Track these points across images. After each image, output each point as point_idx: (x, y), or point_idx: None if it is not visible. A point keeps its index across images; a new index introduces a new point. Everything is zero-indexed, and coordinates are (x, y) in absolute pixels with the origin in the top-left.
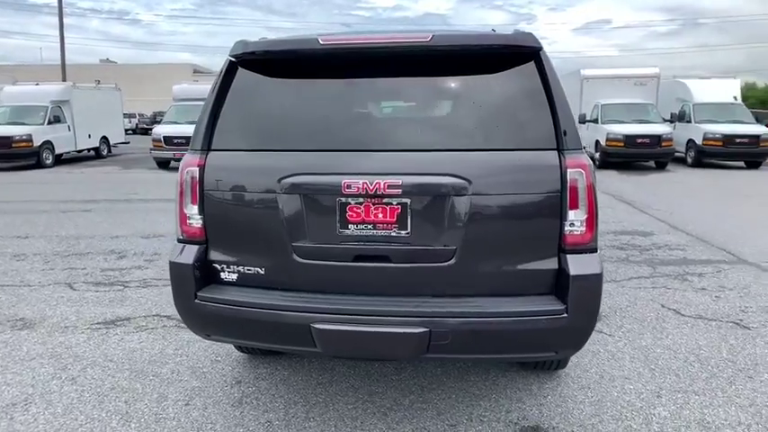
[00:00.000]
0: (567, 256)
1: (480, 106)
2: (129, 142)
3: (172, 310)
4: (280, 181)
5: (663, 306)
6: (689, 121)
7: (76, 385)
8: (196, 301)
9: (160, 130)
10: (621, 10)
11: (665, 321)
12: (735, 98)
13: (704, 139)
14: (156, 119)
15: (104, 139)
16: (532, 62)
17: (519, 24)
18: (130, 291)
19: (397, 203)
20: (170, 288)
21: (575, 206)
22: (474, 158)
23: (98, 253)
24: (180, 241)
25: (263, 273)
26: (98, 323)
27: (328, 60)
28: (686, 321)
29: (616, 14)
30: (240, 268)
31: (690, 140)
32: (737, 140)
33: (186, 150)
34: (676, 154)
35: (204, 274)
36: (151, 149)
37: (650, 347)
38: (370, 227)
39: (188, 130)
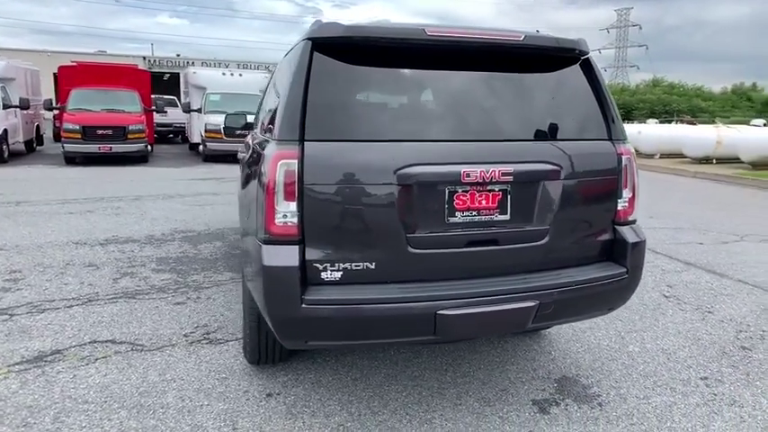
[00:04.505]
0: (622, 227)
1: (557, 101)
2: None
3: (109, 334)
4: (396, 172)
5: None
6: None
7: None
8: (303, 306)
9: None
10: (399, 13)
11: None
12: None
13: None
14: None
15: None
16: (587, 64)
17: (306, 17)
18: (24, 319)
19: (499, 190)
20: (79, 309)
21: (626, 186)
22: (560, 147)
23: None
24: (268, 242)
25: (373, 267)
26: (17, 363)
27: (430, 51)
28: None
29: (394, 16)
30: (347, 265)
31: None
32: None
33: None
34: None
35: (303, 275)
36: None
37: None
38: (474, 213)
39: None
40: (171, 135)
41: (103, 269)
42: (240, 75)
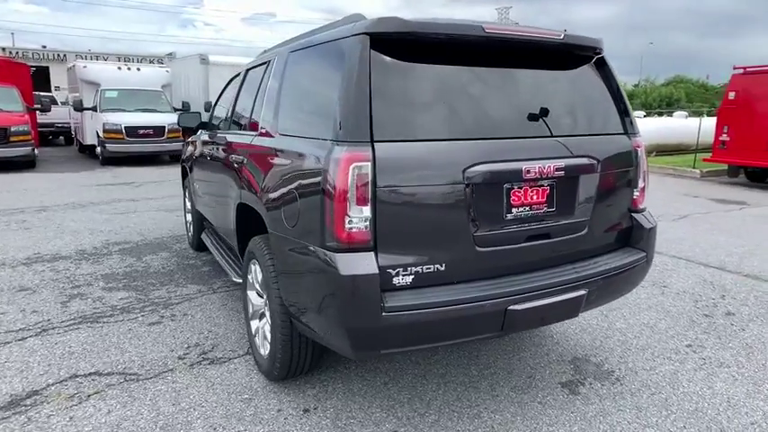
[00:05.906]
0: (637, 215)
1: (586, 97)
2: None
3: (89, 366)
4: (464, 171)
5: None
6: None
7: None
8: (384, 314)
9: None
10: (285, 6)
11: None
12: None
13: None
14: None
15: None
16: (604, 62)
17: (186, 7)
18: None
19: (547, 185)
20: (35, 341)
21: (639, 176)
22: (596, 142)
23: None
24: (336, 250)
25: (443, 269)
26: None
27: (485, 48)
28: None
29: (280, 9)
30: (418, 269)
31: None
32: None
33: None
34: None
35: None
36: None
37: None
38: (527, 209)
39: None
40: (51, 136)
41: (42, 292)
42: (138, 69)
